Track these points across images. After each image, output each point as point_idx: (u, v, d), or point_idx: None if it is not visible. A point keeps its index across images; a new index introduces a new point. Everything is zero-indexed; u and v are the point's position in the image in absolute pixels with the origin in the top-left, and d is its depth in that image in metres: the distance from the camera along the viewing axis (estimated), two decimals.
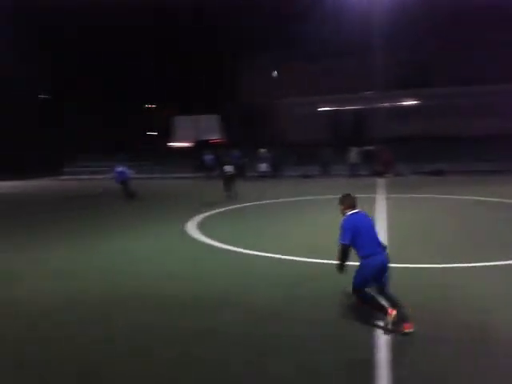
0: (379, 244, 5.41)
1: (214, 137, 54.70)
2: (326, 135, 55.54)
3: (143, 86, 55.93)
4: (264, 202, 16.74)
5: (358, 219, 5.44)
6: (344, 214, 5.58)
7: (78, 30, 46.84)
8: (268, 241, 10.32)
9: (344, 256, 5.42)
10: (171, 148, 51.09)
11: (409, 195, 17.30)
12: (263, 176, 27.11)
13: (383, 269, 5.30)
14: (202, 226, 12.14)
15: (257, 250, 9.26)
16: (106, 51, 50.72)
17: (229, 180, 17.88)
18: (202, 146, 40.02)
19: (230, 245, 9.81)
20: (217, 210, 14.87)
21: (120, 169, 18.45)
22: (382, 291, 5.38)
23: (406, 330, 5.15)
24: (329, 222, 12.35)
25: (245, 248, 9.47)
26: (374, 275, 5.29)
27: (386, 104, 52.72)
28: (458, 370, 4.57)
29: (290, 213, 14.41)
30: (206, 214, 14.24)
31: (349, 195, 5.69)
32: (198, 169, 29.64)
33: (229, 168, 18.05)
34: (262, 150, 27.44)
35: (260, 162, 27.41)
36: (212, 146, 40.39)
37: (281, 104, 64.16)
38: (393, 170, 26.18)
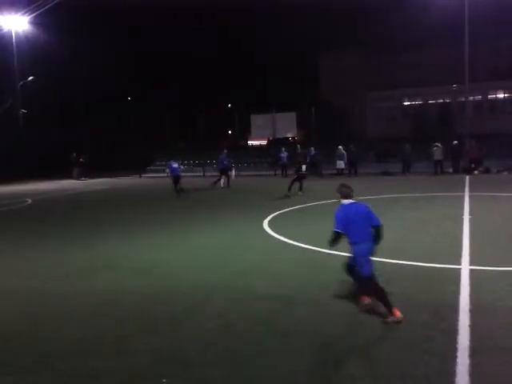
0: (368, 235, 5.75)
1: (291, 134, 54.62)
2: (408, 130, 53.37)
3: (220, 86, 57.29)
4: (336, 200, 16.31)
5: (350, 210, 5.76)
6: (340, 202, 5.94)
7: (160, 30, 48.80)
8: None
9: (334, 241, 5.83)
10: (248, 146, 51.69)
11: (496, 193, 16.07)
12: (340, 173, 26.55)
13: (371, 253, 5.78)
14: (277, 224, 12.08)
15: (334, 250, 9.00)
16: (182, 51, 52.49)
17: (300, 179, 17.85)
18: (278, 143, 40.04)
19: (307, 243, 9.65)
20: (292, 208, 14.76)
21: (175, 165, 19.66)
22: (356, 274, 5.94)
23: (365, 302, 5.89)
24: (410, 222, 11.85)
25: (321, 247, 9.26)
26: (368, 257, 5.73)
27: (475, 97, 49.65)
28: None
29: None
30: (282, 211, 14.17)
31: (344, 185, 6.01)
32: (274, 166, 29.72)
33: (304, 167, 18.18)
34: (340, 147, 26.84)
35: (337, 159, 26.84)
36: (288, 143, 40.33)
37: (361, 99, 62.63)
38: (481, 167, 24.52)
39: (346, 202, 5.89)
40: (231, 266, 8.40)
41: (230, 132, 63.40)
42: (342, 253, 8.69)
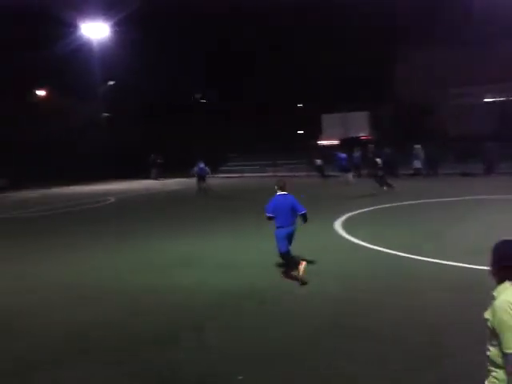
0: (289, 221, 7.32)
1: (363, 134, 53.33)
2: (491, 129, 50.08)
3: (291, 86, 57.11)
4: (417, 201, 15.66)
5: (279, 199, 7.36)
6: (276, 193, 7.47)
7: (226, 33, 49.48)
8: (423, 243, 9.58)
9: (269, 220, 7.49)
10: (319, 146, 51.12)
11: None
12: (417, 174, 25.46)
13: (290, 235, 7.41)
14: (350, 225, 11.82)
15: (412, 253, 8.66)
16: (252, 53, 52.82)
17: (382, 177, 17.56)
18: (350, 143, 39.19)
19: (383, 246, 9.33)
20: (366, 209, 14.36)
21: (202, 165, 20.76)
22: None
23: (302, 266, 7.23)
24: (493, 225, 11.07)
25: (398, 250, 8.93)
26: (285, 238, 7.33)
27: None
28: None
29: (446, 214, 13.20)
30: (355, 212, 13.84)
31: (281, 180, 7.74)
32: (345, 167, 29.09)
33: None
34: (416, 146, 25.72)
35: (414, 159, 25.73)
36: (361, 143, 39.37)
37: (439, 96, 59.72)
38: None
39: (279, 193, 7.41)
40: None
41: (300, 132, 63.12)
42: (418, 256, 8.33)
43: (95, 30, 37.01)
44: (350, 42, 54.41)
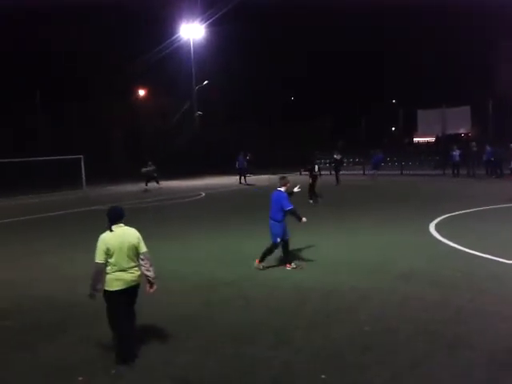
0: (276, 215, 8.04)
1: (463, 130, 50.06)
2: None
3: (383, 81, 55.19)
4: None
5: (272, 195, 8.25)
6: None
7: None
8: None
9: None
10: (414, 143, 48.97)
11: None
12: None
13: (277, 230, 8.08)
14: (445, 228, 11.17)
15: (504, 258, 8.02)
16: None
17: None
18: (448, 140, 37.05)
19: (477, 250, 8.74)
20: (462, 211, 13.48)
21: (241, 159, 23.56)
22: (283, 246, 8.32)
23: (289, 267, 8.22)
24: None
25: (490, 253, 8.31)
26: (276, 230, 8.13)
27: None
28: None
29: None
30: (451, 214, 13.06)
31: (280, 176, 8.57)
32: (443, 165, 27.58)
33: None
34: None
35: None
36: (461, 140, 37.04)
37: None
38: None
39: (279, 189, 8.21)
40: (394, 268, 8.01)
41: (393, 129, 60.87)
42: None
43: (192, 31, 38.63)
44: (445, 30, 51.31)
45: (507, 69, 60.61)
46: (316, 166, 17.48)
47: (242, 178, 27.40)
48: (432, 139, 49.12)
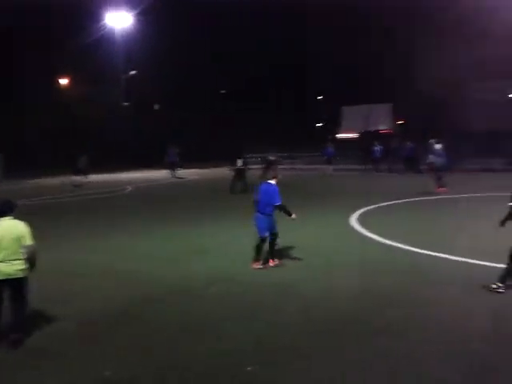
0: (265, 208, 7.66)
1: (385, 127, 52.55)
2: None
3: (310, 77, 56.56)
4: (434, 197, 15.51)
5: (261, 187, 7.84)
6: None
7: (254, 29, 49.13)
8: (437, 239, 9.57)
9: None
10: (337, 139, 50.67)
11: None
12: (433, 169, 25.07)
13: (264, 223, 7.72)
14: (366, 220, 11.79)
15: (424, 249, 8.66)
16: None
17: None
18: (370, 137, 38.77)
19: (395, 241, 9.34)
20: (382, 204, 14.29)
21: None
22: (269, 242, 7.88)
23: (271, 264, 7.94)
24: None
25: (407, 244, 8.94)
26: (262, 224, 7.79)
27: None
28: None
29: (462, 210, 13.07)
30: (371, 207, 13.80)
31: (274, 168, 8.64)
32: (366, 161, 28.90)
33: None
34: (432, 141, 25.39)
35: (430, 154, 25.39)
36: (382, 136, 38.89)
37: (463, 90, 58.51)
38: None
39: (268, 181, 7.84)
40: (317, 259, 8.36)
41: (318, 125, 62.73)
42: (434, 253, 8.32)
43: (119, 20, 37.28)
44: (371, 31, 53.51)
45: (429, 68, 64.52)
46: (240, 161, 17.95)
47: (173, 171, 27.25)
48: (354, 135, 51.05)
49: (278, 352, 4.92)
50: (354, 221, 11.78)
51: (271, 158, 22.35)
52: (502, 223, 6.75)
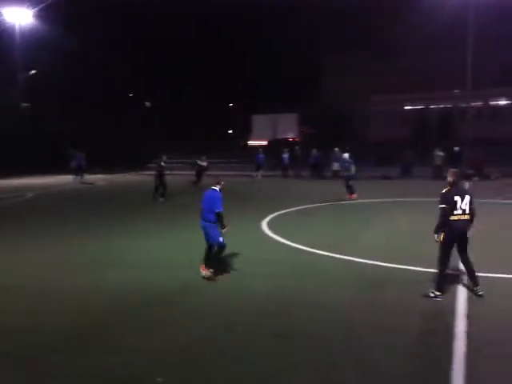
0: (204, 213, 7.51)
1: (292, 135, 54.54)
2: (409, 135, 53.35)
3: (222, 86, 57.10)
4: (339, 202, 16.36)
5: (206, 194, 7.66)
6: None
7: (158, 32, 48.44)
8: (342, 242, 10.08)
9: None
10: (248, 146, 51.53)
11: (494, 200, 16.06)
12: (336, 176, 26.53)
13: (203, 230, 7.55)
14: (275, 225, 12.11)
15: (331, 252, 9.08)
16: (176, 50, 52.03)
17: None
18: (278, 144, 39.94)
19: (303, 244, 9.69)
20: (291, 209, 14.78)
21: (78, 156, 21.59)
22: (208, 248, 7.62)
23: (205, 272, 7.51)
24: (407, 226, 11.89)
25: (318, 249, 9.31)
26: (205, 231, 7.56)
27: (476, 103, 49.66)
28: None
29: (366, 214, 13.96)
30: (281, 212, 14.20)
31: (218, 176, 8.01)
32: (274, 167, 29.70)
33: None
34: (337, 150, 26.91)
35: (333, 161, 26.88)
36: (289, 144, 40.28)
37: (363, 102, 62.53)
38: (481, 174, 24.53)
39: (213, 187, 7.65)
40: (228, 264, 8.43)
41: (230, 131, 63.42)
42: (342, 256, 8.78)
43: (18, 16, 34.79)
44: (278, 42, 55.32)
45: (330, 80, 67.97)
46: (160, 164, 17.65)
47: (79, 176, 26.00)
48: (264, 142, 52.29)
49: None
50: (264, 225, 12.06)
51: (201, 163, 22.15)
52: (437, 231, 6.57)
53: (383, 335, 5.38)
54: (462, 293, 6.67)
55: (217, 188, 7.64)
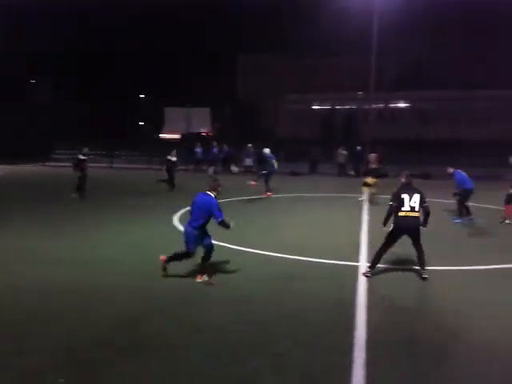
0: (193, 219, 6.89)
1: (205, 130, 54.34)
2: (317, 133, 55.68)
3: (134, 76, 55.42)
4: (248, 197, 16.58)
5: (197, 198, 7.00)
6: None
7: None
8: (253, 236, 10.23)
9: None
10: (160, 139, 50.53)
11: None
12: (248, 171, 26.94)
13: (186, 237, 6.94)
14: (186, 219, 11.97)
15: (242, 246, 9.17)
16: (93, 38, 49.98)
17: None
18: (192, 138, 39.60)
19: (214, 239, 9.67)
20: None
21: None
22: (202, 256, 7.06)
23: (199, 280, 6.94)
24: (314, 220, 12.38)
25: (230, 243, 9.35)
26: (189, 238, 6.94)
27: (378, 105, 52.97)
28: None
29: (274, 209, 14.32)
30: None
31: (215, 180, 7.23)
32: (187, 161, 29.37)
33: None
34: (249, 145, 27.33)
35: (245, 157, 27.29)
36: (202, 138, 40.09)
37: (275, 100, 64.07)
38: (381, 172, 26.20)
39: (208, 192, 6.98)
40: (138, 261, 8.20)
41: (141, 123, 61.59)
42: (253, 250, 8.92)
43: None
44: (195, 38, 54.89)
45: (244, 77, 68.66)
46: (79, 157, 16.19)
47: None
48: (177, 136, 51.58)
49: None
50: (176, 220, 11.88)
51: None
52: (385, 223, 7.44)
53: (288, 325, 5.54)
54: (362, 285, 7.06)
55: (211, 194, 6.93)
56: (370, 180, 16.07)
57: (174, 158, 18.82)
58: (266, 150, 17.32)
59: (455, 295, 6.74)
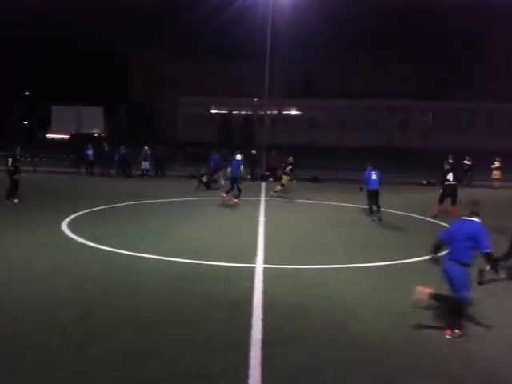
0: (461, 253, 5.63)
1: (97, 130, 51.93)
2: (216, 137, 55.96)
3: (19, 72, 51.50)
4: (144, 201, 16.20)
5: (459, 226, 5.83)
6: None
7: None
8: (148, 241, 9.99)
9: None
10: (48, 140, 47.32)
11: (287, 198, 17.92)
12: (145, 174, 26.32)
13: (447, 275, 5.75)
14: (78, 225, 11.36)
15: (136, 251, 8.93)
16: None
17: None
18: (83, 139, 37.61)
19: (106, 245, 9.31)
20: (96, 208, 14.05)
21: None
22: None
23: None
24: (212, 224, 12.42)
25: (124, 249, 9.06)
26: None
27: (272, 111, 54.70)
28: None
29: (171, 213, 14.14)
30: (85, 211, 13.39)
31: (476, 201, 6.02)
32: (77, 163, 27.85)
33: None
34: (145, 148, 26.66)
35: (142, 160, 26.57)
36: (94, 140, 38.19)
37: (172, 102, 63.11)
38: (276, 176, 27.08)
39: (472, 219, 5.77)
40: (24, 269, 7.60)
41: (25, 123, 57.10)
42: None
43: None
44: (89, 33, 52.47)
45: (138, 78, 66.72)
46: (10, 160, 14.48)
47: None
48: (66, 136, 48.73)
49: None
50: (65, 226, 11.20)
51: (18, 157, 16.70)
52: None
53: (184, 330, 5.52)
54: (258, 285, 7.24)
55: (477, 219, 5.73)
56: (284, 180, 18.60)
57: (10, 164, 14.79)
58: (238, 157, 16.53)
59: (345, 291, 7.18)
